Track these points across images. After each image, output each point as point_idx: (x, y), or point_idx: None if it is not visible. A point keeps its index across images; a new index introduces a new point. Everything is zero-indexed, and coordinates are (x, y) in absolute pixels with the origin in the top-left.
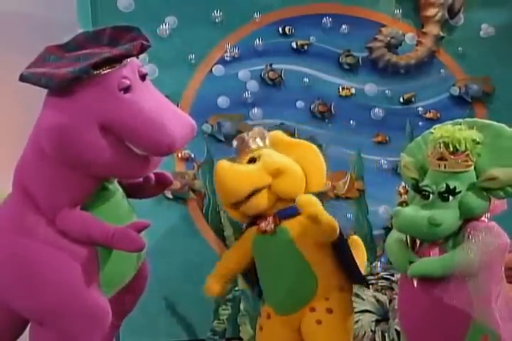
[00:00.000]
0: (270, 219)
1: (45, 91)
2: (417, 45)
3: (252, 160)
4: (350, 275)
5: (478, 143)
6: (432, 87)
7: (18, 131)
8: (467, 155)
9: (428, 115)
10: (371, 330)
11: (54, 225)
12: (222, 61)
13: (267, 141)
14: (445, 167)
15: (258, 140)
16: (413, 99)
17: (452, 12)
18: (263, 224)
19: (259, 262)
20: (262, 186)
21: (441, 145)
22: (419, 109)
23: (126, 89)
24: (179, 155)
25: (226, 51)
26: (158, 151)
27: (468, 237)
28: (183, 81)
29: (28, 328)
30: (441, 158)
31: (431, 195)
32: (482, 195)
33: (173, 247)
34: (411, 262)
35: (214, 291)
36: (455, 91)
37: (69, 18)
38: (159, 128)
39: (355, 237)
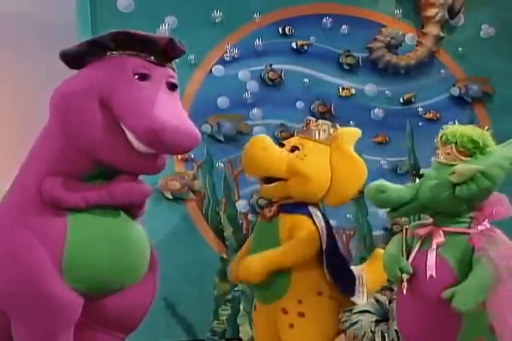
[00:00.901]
0: (274, 207)
1: (43, 92)
2: (417, 45)
3: (294, 149)
4: (338, 283)
5: (476, 143)
6: (431, 87)
7: (16, 131)
8: (451, 147)
9: (428, 115)
10: (371, 331)
11: (42, 210)
12: (222, 61)
13: (328, 138)
14: (438, 157)
15: (322, 133)
16: (413, 100)
17: (452, 12)
18: (266, 210)
19: (253, 244)
20: (275, 176)
21: (440, 135)
22: (419, 109)
23: (142, 77)
24: (179, 155)
25: (226, 51)
26: (146, 137)
27: (479, 252)
28: (182, 81)
29: None
30: (436, 147)
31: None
32: (442, 191)
33: (172, 247)
34: (400, 269)
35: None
36: (455, 91)
37: (68, 18)
38: (152, 115)
39: (379, 252)
